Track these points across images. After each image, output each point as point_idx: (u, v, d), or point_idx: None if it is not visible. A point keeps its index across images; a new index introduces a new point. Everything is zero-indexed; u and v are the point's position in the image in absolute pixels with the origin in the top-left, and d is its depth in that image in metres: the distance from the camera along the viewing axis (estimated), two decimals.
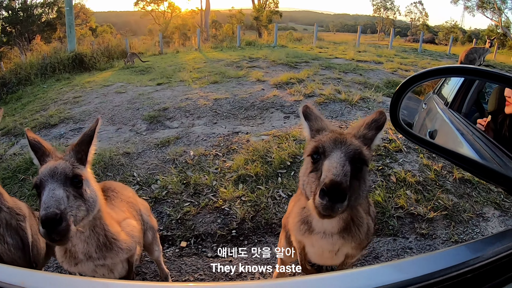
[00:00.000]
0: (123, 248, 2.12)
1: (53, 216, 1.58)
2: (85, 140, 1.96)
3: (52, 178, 1.74)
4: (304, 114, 2.01)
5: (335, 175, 1.53)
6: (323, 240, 2.02)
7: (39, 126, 7.73)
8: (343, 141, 1.71)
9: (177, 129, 6.46)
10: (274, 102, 7.23)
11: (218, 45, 20.24)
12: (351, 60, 12.21)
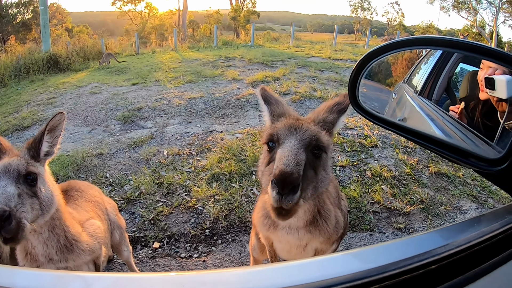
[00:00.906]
0: (85, 250, 2.06)
1: (1, 213, 1.54)
2: (38, 137, 1.90)
3: (4, 175, 1.70)
4: (263, 97, 1.94)
5: (285, 165, 1.44)
6: (289, 235, 1.96)
7: (12, 128, 7.56)
8: (298, 127, 1.63)
9: (151, 129, 6.40)
10: (249, 101, 7.24)
11: (195, 45, 20.17)
12: (328, 58, 12.36)
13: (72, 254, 2.00)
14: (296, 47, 16.58)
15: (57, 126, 1.93)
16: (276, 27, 69.00)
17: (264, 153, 1.78)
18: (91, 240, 2.14)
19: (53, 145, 1.96)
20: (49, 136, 1.92)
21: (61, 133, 1.97)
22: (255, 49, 15.04)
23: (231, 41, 20.60)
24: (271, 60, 11.55)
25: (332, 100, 1.87)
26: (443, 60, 1.92)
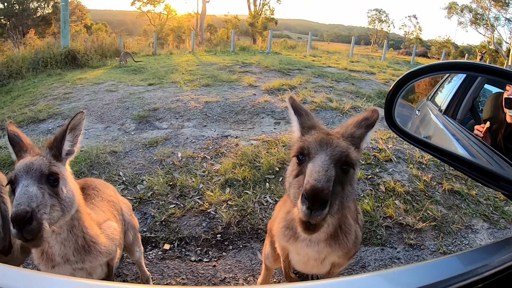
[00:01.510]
0: (103, 252, 2.04)
1: (24, 214, 1.51)
2: (59, 136, 1.87)
3: (27, 174, 1.67)
4: (294, 107, 1.90)
5: (316, 181, 1.46)
6: (308, 247, 1.96)
7: (27, 120, 7.62)
8: (329, 143, 1.64)
9: (166, 130, 6.40)
10: (265, 108, 7.22)
11: (212, 49, 20.27)
12: (344, 69, 12.31)
13: (89, 256, 1.98)
14: (313, 56, 16.57)
15: (78, 125, 1.91)
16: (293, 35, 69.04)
17: (293, 165, 1.78)
18: (109, 242, 2.12)
19: (73, 144, 1.93)
20: (70, 135, 1.89)
21: (81, 132, 1.95)
22: (272, 56, 15.05)
23: (248, 47, 20.68)
24: (288, 68, 11.53)
25: (360, 115, 1.85)
26: (469, 81, 1.92)
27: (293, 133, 1.92)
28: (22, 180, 1.65)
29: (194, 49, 19.78)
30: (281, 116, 6.82)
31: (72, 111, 7.86)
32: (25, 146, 1.88)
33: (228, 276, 3.32)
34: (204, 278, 3.30)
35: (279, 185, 4.48)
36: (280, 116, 6.82)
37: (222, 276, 3.32)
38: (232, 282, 3.26)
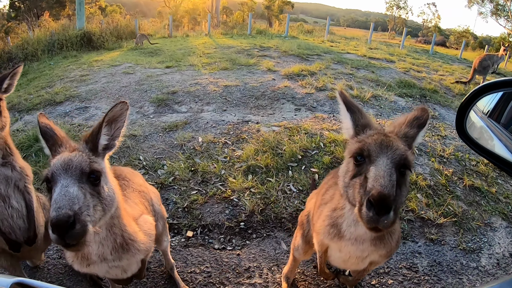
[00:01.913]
0: (141, 250, 1.95)
1: (66, 219, 1.39)
2: (95, 129, 1.73)
3: (66, 173, 1.54)
4: (346, 103, 1.84)
5: (383, 187, 1.44)
6: (353, 246, 1.94)
7: (44, 102, 7.58)
8: (389, 145, 1.60)
9: (186, 114, 6.29)
10: (285, 93, 7.05)
11: (228, 31, 20.02)
12: (363, 56, 12.04)
13: (127, 254, 1.88)
14: (331, 41, 16.24)
15: (119, 117, 1.75)
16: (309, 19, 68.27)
17: (348, 164, 1.73)
18: (147, 239, 2.03)
19: (114, 138, 1.78)
20: (108, 128, 1.74)
21: (124, 124, 1.78)
22: (289, 41, 14.78)
23: (265, 30, 20.39)
24: (307, 54, 11.29)
25: (410, 114, 1.81)
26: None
27: (344, 131, 1.88)
28: (61, 179, 1.52)
29: (210, 32, 19.56)
30: (302, 103, 6.66)
31: (89, 93, 7.80)
32: (59, 139, 1.74)
33: (253, 265, 3.27)
34: (229, 267, 3.25)
35: (302, 173, 4.38)
36: (300, 103, 6.66)
37: (247, 265, 3.27)
38: (256, 271, 3.21)
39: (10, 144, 2.57)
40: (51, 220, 1.38)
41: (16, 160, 2.56)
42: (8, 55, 14.29)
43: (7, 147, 2.54)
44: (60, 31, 16.80)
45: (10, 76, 2.61)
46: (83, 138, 1.74)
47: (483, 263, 3.46)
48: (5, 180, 2.47)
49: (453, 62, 16.36)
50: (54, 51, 14.92)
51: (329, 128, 5.45)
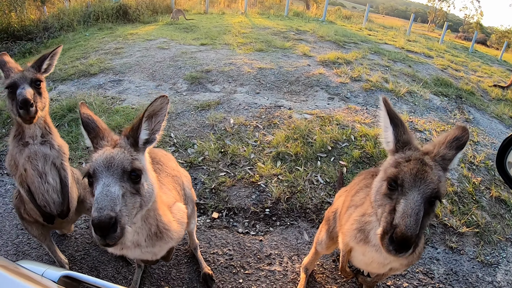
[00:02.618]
0: (174, 238, 1.97)
1: (108, 220, 1.41)
2: (136, 124, 1.72)
3: (107, 171, 1.55)
4: (390, 114, 1.82)
5: (407, 228, 1.51)
6: (376, 252, 1.97)
7: (78, 73, 7.69)
8: (423, 178, 1.62)
9: (219, 93, 6.26)
10: (320, 81, 6.92)
11: (265, 11, 19.73)
12: (401, 48, 11.66)
13: (160, 241, 1.91)
14: (369, 30, 15.79)
15: (159, 111, 1.74)
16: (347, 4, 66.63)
17: (382, 183, 1.75)
18: (180, 227, 2.05)
19: (154, 132, 1.77)
20: (148, 122, 1.73)
21: (164, 118, 1.77)
22: (326, 25, 14.44)
23: (302, 13, 20.02)
24: (343, 41, 11.00)
25: (450, 133, 1.79)
26: None
27: (383, 140, 1.88)
28: (103, 177, 1.53)
29: (247, 10, 19.34)
30: (335, 92, 6.52)
31: (124, 66, 7.86)
32: (101, 132, 1.74)
33: (274, 252, 3.28)
34: (250, 251, 3.27)
35: (331, 165, 4.33)
36: (334, 92, 6.52)
37: (268, 252, 3.28)
38: (277, 259, 3.21)
39: (49, 123, 2.67)
40: (93, 220, 1.41)
41: (55, 138, 2.66)
42: (44, 25, 14.45)
43: (47, 126, 2.64)
44: (96, 3, 16.90)
45: (50, 56, 2.67)
46: (123, 133, 1.74)
47: (498, 279, 3.35)
48: (43, 158, 2.58)
49: (492, 63, 15.73)
50: (90, 22, 15.02)
51: (361, 121, 5.33)
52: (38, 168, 2.56)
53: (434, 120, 5.87)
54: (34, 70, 2.56)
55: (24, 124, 2.48)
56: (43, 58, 2.65)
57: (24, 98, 2.33)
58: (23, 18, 14.14)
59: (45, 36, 13.53)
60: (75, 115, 5.61)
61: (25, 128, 2.54)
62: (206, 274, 2.98)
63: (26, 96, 2.34)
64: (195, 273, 3.04)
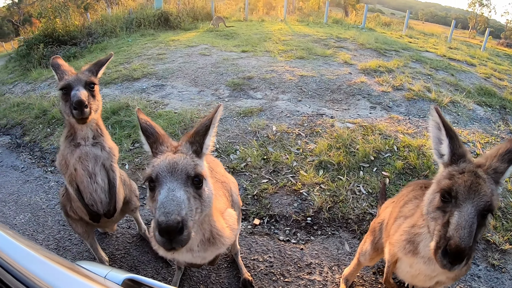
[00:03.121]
0: (225, 244, 1.98)
1: (175, 224, 1.43)
2: (201, 130, 1.76)
3: (171, 176, 1.57)
4: (445, 126, 1.83)
5: (461, 240, 1.52)
6: (425, 264, 1.95)
7: (122, 78, 7.98)
8: (477, 190, 1.62)
9: (261, 100, 6.30)
10: (361, 89, 6.82)
11: (304, 18, 19.72)
12: (443, 56, 11.30)
13: (212, 247, 1.92)
14: (410, 37, 15.42)
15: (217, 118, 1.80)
16: (386, 10, 65.64)
17: (435, 195, 1.77)
18: (231, 234, 2.06)
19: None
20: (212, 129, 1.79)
21: (216, 124, 1.82)
22: (366, 33, 14.23)
23: (341, 20, 19.86)
24: (384, 48, 10.80)
25: (503, 146, 1.78)
26: None
27: (434, 152, 1.90)
28: (167, 182, 1.55)
29: (286, 18, 19.40)
30: (377, 101, 6.40)
31: (166, 72, 8.07)
32: (160, 137, 1.78)
33: (314, 261, 3.25)
34: (291, 259, 3.26)
35: (373, 175, 4.24)
36: (376, 101, 6.41)
37: (308, 261, 3.25)
38: (317, 268, 3.18)
39: (101, 126, 2.77)
40: (160, 224, 1.42)
41: (106, 141, 2.75)
42: (87, 30, 15.04)
43: (98, 128, 2.74)
44: (138, 10, 17.41)
45: (107, 62, 2.82)
46: (185, 139, 1.77)
47: None
48: (94, 159, 2.67)
49: None
50: (132, 28, 15.47)
51: (404, 131, 5.21)
52: (88, 168, 2.65)
53: (478, 131, 5.66)
54: (89, 74, 2.65)
55: (77, 124, 2.57)
56: (101, 64, 2.76)
57: (79, 99, 2.41)
58: (67, 24, 14.70)
59: (89, 41, 14.09)
60: (118, 117, 5.81)
61: (77, 129, 2.63)
62: (246, 280, 2.99)
63: (81, 97, 2.43)
64: (234, 278, 3.06)
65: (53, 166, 5.13)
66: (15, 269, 0.96)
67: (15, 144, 6.18)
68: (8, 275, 0.95)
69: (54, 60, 2.77)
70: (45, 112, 6.95)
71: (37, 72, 10.97)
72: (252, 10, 25.51)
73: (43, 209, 4.17)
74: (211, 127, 1.76)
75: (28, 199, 4.40)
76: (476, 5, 58.02)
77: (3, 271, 0.96)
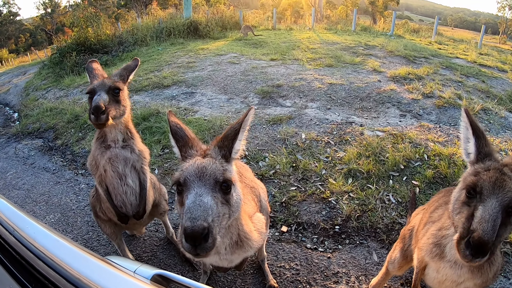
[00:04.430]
0: (253, 247, 1.96)
1: (201, 231, 1.41)
2: (230, 134, 1.72)
3: (200, 181, 1.55)
4: (472, 125, 1.85)
5: (484, 232, 1.55)
6: (451, 269, 1.96)
7: (152, 85, 8.18)
8: (502, 186, 1.65)
9: (290, 108, 6.32)
10: (391, 97, 6.74)
11: (332, 26, 19.67)
12: (473, 62, 11.00)
13: (240, 250, 1.90)
14: (439, 43, 15.12)
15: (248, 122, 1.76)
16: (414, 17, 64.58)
17: (461, 192, 1.79)
18: (259, 237, 2.04)
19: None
20: (242, 133, 1.74)
21: (247, 128, 1.77)
22: (395, 40, 14.06)
23: (369, 27, 19.72)
24: (413, 55, 10.63)
25: None
26: None
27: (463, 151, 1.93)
28: (195, 186, 1.54)
29: (314, 26, 19.41)
30: (407, 109, 6.31)
31: (196, 80, 8.22)
32: (190, 141, 1.77)
33: (341, 271, 3.22)
34: (317, 268, 3.24)
35: (403, 184, 4.16)
36: (406, 109, 6.31)
37: (336, 269, 3.23)
38: (344, 277, 3.14)
39: (131, 129, 2.83)
40: (186, 229, 1.42)
41: (136, 143, 2.81)
42: (119, 39, 15.53)
43: (128, 131, 2.79)
44: (167, 19, 17.81)
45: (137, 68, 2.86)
46: (214, 143, 1.75)
47: None
48: (123, 161, 2.73)
49: None
50: (162, 37, 15.83)
51: (434, 140, 5.10)
52: (118, 170, 2.70)
53: (510, 139, 5.49)
54: (116, 79, 2.69)
55: (97, 128, 2.63)
56: (130, 69, 2.81)
57: (96, 105, 2.44)
58: (99, 33, 15.25)
59: (120, 49, 14.55)
60: (148, 123, 5.95)
61: (107, 132, 2.69)
62: (271, 286, 2.99)
63: (98, 103, 2.45)
64: (260, 284, 3.06)
65: (84, 169, 5.31)
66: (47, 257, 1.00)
67: (47, 147, 6.45)
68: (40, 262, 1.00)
69: (89, 63, 2.86)
70: (77, 117, 7.21)
71: (69, 79, 11.41)
72: (280, 19, 25.67)
73: (72, 210, 4.32)
74: (240, 131, 1.73)
75: (59, 200, 4.58)
76: (506, 9, 56.39)
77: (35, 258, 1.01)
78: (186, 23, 16.73)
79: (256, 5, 47.62)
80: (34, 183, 5.06)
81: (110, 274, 0.97)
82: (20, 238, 1.09)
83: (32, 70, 17.63)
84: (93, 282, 0.90)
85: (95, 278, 0.92)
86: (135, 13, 25.11)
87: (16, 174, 5.44)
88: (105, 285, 0.90)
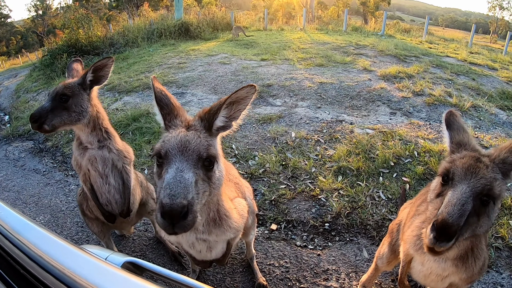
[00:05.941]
0: (232, 227, 1.89)
1: (180, 209, 1.34)
2: (213, 108, 1.65)
3: (182, 155, 1.47)
4: (447, 121, 1.93)
5: (449, 215, 1.53)
6: (435, 262, 1.96)
7: (143, 86, 8.16)
8: (474, 172, 1.64)
9: (280, 107, 6.33)
10: (381, 95, 6.77)
11: (323, 27, 19.73)
12: (463, 61, 11.07)
13: (218, 229, 1.84)
14: (429, 43, 15.20)
15: (243, 100, 1.66)
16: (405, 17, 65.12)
17: (437, 182, 1.81)
18: (239, 218, 1.99)
19: (231, 119, 1.69)
20: (228, 109, 1.66)
21: (246, 107, 1.70)
22: (386, 39, 14.13)
23: (360, 27, 19.80)
24: (404, 54, 10.68)
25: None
26: None
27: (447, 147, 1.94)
28: (176, 161, 1.46)
29: (305, 26, 19.46)
30: (397, 107, 6.33)
31: (186, 80, 8.20)
32: (175, 109, 1.69)
33: (331, 268, 3.21)
34: (307, 265, 3.23)
35: (393, 181, 4.18)
36: (396, 107, 6.34)
37: (325, 267, 3.22)
38: (334, 274, 3.14)
39: (108, 129, 2.78)
40: (164, 206, 1.35)
41: (114, 143, 2.77)
42: (110, 41, 15.46)
43: (104, 132, 2.74)
44: (159, 21, 17.80)
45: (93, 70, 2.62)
46: (198, 114, 1.68)
47: None
48: (102, 161, 2.72)
49: None
50: (153, 39, 15.80)
51: (424, 137, 5.12)
52: (99, 169, 2.71)
53: (501, 136, 5.50)
54: (71, 83, 2.58)
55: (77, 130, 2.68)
56: (86, 71, 2.62)
57: (31, 114, 2.44)
58: (90, 34, 15.12)
59: (111, 51, 14.49)
60: (139, 124, 5.93)
61: (80, 135, 2.71)
62: (260, 284, 2.97)
63: (34, 112, 2.44)
64: (249, 283, 3.05)
65: (74, 170, 5.28)
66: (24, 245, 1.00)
67: (37, 149, 6.40)
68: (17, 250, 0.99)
69: (71, 62, 2.85)
70: None
71: (60, 80, 11.16)
72: (271, 19, 25.71)
73: (62, 211, 4.29)
74: (223, 107, 1.64)
75: (49, 201, 4.55)
76: (496, 8, 57.01)
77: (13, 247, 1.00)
78: (177, 24, 16.70)
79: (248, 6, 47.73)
80: (24, 185, 5.02)
81: (82, 258, 0.97)
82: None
83: (23, 72, 17.49)
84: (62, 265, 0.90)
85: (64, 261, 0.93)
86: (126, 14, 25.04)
87: (6, 176, 5.39)
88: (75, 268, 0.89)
